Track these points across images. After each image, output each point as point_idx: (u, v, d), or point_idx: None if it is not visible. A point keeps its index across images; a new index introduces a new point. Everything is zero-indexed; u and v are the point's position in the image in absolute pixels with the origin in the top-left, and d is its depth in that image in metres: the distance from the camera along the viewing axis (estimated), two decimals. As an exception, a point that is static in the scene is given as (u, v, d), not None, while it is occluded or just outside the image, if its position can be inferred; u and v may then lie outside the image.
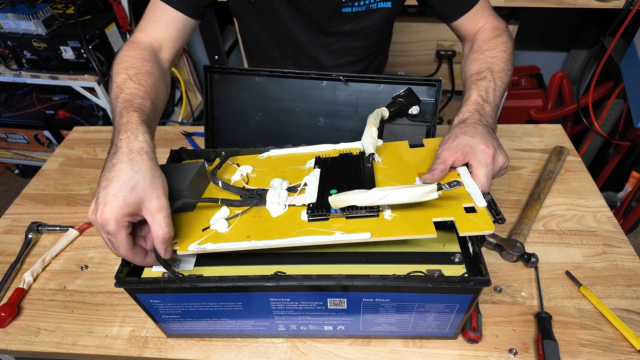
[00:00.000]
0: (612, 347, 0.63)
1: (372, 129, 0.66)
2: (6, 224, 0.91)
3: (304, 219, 0.56)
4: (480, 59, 0.74)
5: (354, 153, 0.68)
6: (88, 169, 1.04)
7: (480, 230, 0.50)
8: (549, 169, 0.91)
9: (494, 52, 0.75)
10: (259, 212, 0.59)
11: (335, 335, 0.66)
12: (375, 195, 0.51)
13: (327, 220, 0.55)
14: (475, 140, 0.58)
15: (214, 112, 0.85)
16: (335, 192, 0.57)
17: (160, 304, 0.59)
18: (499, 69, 0.72)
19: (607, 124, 1.59)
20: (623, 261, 0.75)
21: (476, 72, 0.72)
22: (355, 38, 0.89)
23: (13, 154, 2.04)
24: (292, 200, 0.59)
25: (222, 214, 0.59)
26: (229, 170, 0.70)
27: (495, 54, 0.74)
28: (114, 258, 0.82)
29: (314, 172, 0.64)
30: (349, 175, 0.62)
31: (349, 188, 0.55)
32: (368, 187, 0.55)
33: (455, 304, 0.56)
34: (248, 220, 0.58)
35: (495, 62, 0.73)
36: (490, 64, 0.72)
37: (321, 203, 0.56)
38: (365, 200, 0.51)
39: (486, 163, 0.57)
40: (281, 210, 0.58)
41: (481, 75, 0.70)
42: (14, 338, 0.70)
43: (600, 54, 1.49)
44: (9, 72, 1.69)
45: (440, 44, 1.81)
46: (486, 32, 0.80)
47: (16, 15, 1.54)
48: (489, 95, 0.67)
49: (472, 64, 0.74)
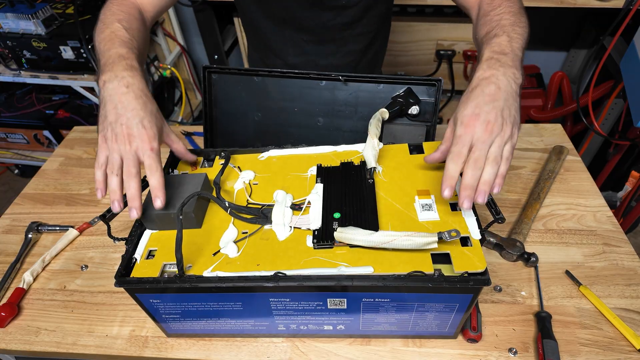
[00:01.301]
0: (612, 347, 0.64)
1: (374, 140, 0.66)
2: (6, 223, 0.91)
3: (310, 245, 0.57)
4: (486, 21, 0.68)
5: (355, 162, 0.69)
6: (88, 168, 1.04)
7: (474, 268, 0.52)
8: (548, 169, 0.91)
9: (498, 9, 0.68)
10: (265, 234, 0.60)
11: (335, 335, 0.66)
12: (378, 240, 0.53)
13: (332, 248, 0.57)
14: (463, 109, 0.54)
15: (213, 112, 0.85)
16: (339, 216, 0.59)
17: (160, 303, 0.59)
18: (509, 23, 0.64)
19: (607, 123, 1.59)
20: (623, 260, 0.75)
21: (485, 34, 0.65)
22: (352, 13, 0.88)
23: (13, 153, 2.04)
24: (297, 221, 0.60)
25: (230, 236, 0.60)
26: (231, 175, 0.70)
27: (500, 10, 0.67)
28: (114, 258, 0.82)
29: (316, 189, 0.64)
30: (351, 193, 0.63)
31: (352, 210, 0.60)
32: (370, 208, 0.59)
33: (455, 304, 0.56)
34: (256, 244, 0.59)
35: (503, 17, 0.66)
36: (497, 21, 0.65)
37: (325, 232, 0.58)
38: (369, 243, 0.54)
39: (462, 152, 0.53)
40: (287, 233, 0.59)
41: (491, 34, 0.64)
42: (14, 338, 0.71)
43: (600, 54, 1.48)
44: (9, 71, 1.69)
45: (440, 44, 1.81)
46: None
47: (16, 15, 1.54)
48: (503, 48, 0.59)
49: (480, 29, 0.68)
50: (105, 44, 0.65)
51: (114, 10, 0.71)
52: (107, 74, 0.60)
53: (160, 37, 2.11)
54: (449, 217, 0.59)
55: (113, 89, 0.59)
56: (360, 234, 0.54)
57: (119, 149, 0.57)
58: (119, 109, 0.58)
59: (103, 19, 0.70)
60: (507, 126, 0.54)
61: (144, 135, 0.57)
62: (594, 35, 1.87)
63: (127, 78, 0.60)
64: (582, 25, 1.95)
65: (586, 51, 1.98)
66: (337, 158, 0.71)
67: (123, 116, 0.58)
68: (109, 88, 0.59)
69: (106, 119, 0.59)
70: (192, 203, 0.60)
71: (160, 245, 0.60)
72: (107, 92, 0.59)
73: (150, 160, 0.57)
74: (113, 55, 0.63)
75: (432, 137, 0.79)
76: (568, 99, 1.81)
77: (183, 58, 2.25)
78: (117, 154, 0.57)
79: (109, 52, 0.64)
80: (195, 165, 0.73)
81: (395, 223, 0.59)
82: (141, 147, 0.57)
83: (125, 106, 0.58)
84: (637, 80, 1.28)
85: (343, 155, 0.72)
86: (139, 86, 0.61)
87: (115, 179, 0.57)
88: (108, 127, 0.58)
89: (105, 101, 0.59)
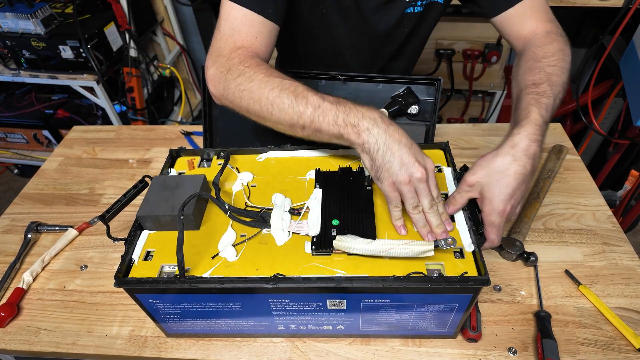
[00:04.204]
0: (611, 346, 0.64)
1: None
2: (5, 223, 0.91)
3: (308, 251, 0.58)
4: (537, 68, 0.66)
5: (354, 168, 0.69)
6: (87, 168, 1.04)
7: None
8: (548, 168, 0.91)
9: (551, 59, 0.67)
10: (264, 239, 0.60)
11: (334, 335, 0.66)
12: (376, 249, 0.54)
13: (330, 255, 0.57)
14: (499, 189, 0.57)
15: (213, 112, 0.85)
16: (337, 223, 0.60)
17: (160, 303, 0.59)
18: (558, 82, 0.64)
19: (607, 122, 1.59)
20: (622, 260, 0.75)
21: (533, 84, 0.64)
22: (410, 38, 0.87)
23: (12, 153, 2.04)
24: (296, 226, 0.60)
25: (229, 239, 0.60)
26: (230, 177, 0.70)
27: (553, 62, 0.67)
28: (114, 258, 0.82)
29: (315, 195, 0.64)
30: (350, 200, 0.64)
31: (350, 217, 0.60)
32: (368, 216, 0.60)
33: (455, 304, 0.56)
34: (254, 248, 0.59)
35: (555, 72, 0.65)
36: (548, 75, 0.65)
37: (324, 239, 0.58)
38: (367, 252, 0.55)
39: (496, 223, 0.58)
40: (285, 238, 0.59)
41: (540, 88, 0.63)
42: (14, 338, 0.70)
43: (600, 53, 1.48)
44: (8, 71, 1.69)
45: (440, 43, 1.80)
46: (539, 36, 0.72)
47: (15, 14, 1.54)
48: (548, 116, 0.61)
49: (528, 73, 0.67)
50: (300, 104, 0.59)
51: (252, 71, 0.63)
52: (363, 123, 0.56)
53: (160, 36, 2.11)
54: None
55: (383, 133, 0.56)
56: (359, 243, 0.55)
57: (416, 188, 0.57)
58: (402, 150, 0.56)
59: (258, 84, 0.62)
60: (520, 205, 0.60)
61: (431, 165, 0.58)
62: (594, 34, 1.87)
63: (377, 114, 0.57)
64: (581, 24, 1.95)
65: (585, 50, 1.98)
66: (335, 162, 0.71)
67: (412, 155, 0.56)
68: (375, 134, 0.55)
69: (392, 165, 0.56)
70: (192, 204, 0.60)
71: (159, 247, 0.60)
72: (381, 139, 0.56)
73: (438, 190, 0.59)
74: (333, 105, 0.58)
75: (431, 137, 0.79)
76: (567, 98, 1.80)
77: (182, 57, 2.25)
78: (413, 195, 0.57)
79: (323, 104, 0.58)
80: (192, 164, 0.73)
81: (392, 232, 0.60)
82: (431, 180, 0.58)
83: (406, 143, 0.56)
84: (636, 79, 1.28)
85: (341, 158, 0.72)
86: (391, 121, 0.58)
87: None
88: (398, 172, 0.56)
89: (380, 148, 0.56)
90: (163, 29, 2.11)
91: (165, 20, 2.09)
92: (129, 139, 1.12)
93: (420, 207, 0.57)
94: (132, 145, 1.10)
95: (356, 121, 0.56)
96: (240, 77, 0.63)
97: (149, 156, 1.06)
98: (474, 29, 1.76)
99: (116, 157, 1.07)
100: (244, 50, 0.66)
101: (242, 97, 0.63)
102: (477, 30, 1.76)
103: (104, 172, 1.02)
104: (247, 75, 0.63)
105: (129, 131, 1.15)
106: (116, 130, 1.16)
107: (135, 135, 1.13)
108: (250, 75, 0.62)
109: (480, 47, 1.79)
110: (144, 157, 1.06)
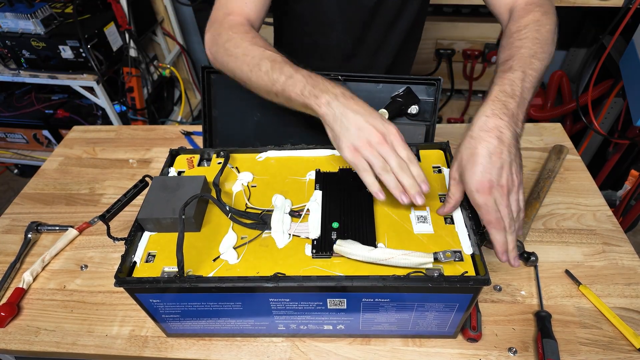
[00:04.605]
0: (612, 346, 0.64)
1: None
2: (5, 223, 0.91)
3: (308, 254, 0.58)
4: (507, 45, 0.65)
5: (354, 169, 0.69)
6: (87, 168, 1.04)
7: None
8: (548, 168, 0.91)
9: (522, 32, 0.64)
10: (265, 241, 0.60)
11: (335, 335, 0.66)
12: (376, 257, 0.54)
13: (330, 258, 0.57)
14: (472, 174, 0.55)
15: (213, 112, 0.85)
16: (337, 226, 0.60)
17: (160, 303, 0.59)
18: (528, 54, 0.61)
19: (607, 122, 1.59)
20: (622, 260, 0.75)
21: (501, 63, 0.63)
22: (401, 13, 0.88)
23: (12, 153, 2.04)
24: (296, 229, 0.61)
25: (230, 241, 0.60)
26: (230, 176, 0.70)
27: (524, 34, 0.64)
28: (114, 258, 0.82)
29: (315, 197, 0.64)
30: (350, 203, 0.64)
31: (350, 221, 0.61)
32: (368, 220, 0.60)
33: (455, 303, 0.56)
34: (255, 250, 0.59)
35: (524, 45, 0.63)
36: (517, 49, 0.63)
37: (324, 242, 0.58)
38: (367, 259, 0.55)
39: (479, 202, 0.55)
40: (286, 241, 0.60)
41: (505, 65, 0.61)
42: (14, 338, 0.70)
43: (600, 53, 1.48)
44: (8, 71, 1.69)
45: (440, 43, 1.81)
46: (518, 9, 0.69)
47: (15, 14, 1.54)
48: (514, 89, 0.58)
49: (500, 53, 0.66)
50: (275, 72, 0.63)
51: (238, 38, 0.69)
52: (325, 96, 0.60)
53: (160, 36, 2.11)
54: (443, 230, 0.60)
55: (341, 105, 0.59)
56: (359, 250, 0.55)
57: (378, 151, 0.57)
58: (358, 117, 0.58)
59: (242, 50, 0.67)
60: (516, 178, 0.56)
61: (393, 129, 0.58)
62: (594, 34, 1.87)
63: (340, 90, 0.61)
64: (581, 24, 1.95)
65: (585, 50, 1.98)
66: (335, 162, 0.71)
67: (367, 121, 0.58)
68: (334, 106, 0.59)
69: (348, 131, 0.58)
70: (193, 206, 0.60)
71: (160, 249, 0.60)
72: (338, 110, 0.59)
73: (408, 152, 0.58)
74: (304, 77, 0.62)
75: (431, 137, 0.79)
76: (567, 98, 1.81)
77: (182, 57, 2.25)
78: (377, 156, 0.57)
79: (295, 75, 0.62)
80: (192, 162, 0.73)
81: (391, 234, 0.59)
82: (395, 142, 0.58)
83: (363, 112, 0.58)
84: (636, 79, 1.28)
85: (342, 159, 0.71)
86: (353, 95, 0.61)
87: (393, 177, 0.57)
88: (355, 137, 0.58)
89: (337, 117, 0.59)
90: (163, 29, 2.11)
91: (165, 20, 2.09)
92: (129, 139, 1.12)
93: (388, 167, 0.57)
94: (132, 145, 1.10)
95: (320, 93, 0.60)
96: (228, 42, 0.69)
97: (149, 156, 1.06)
98: (474, 29, 1.76)
99: (116, 157, 1.07)
100: (235, 17, 0.73)
101: (229, 62, 0.69)
102: (477, 30, 1.76)
103: (104, 172, 1.02)
104: (234, 42, 0.68)
105: (129, 131, 1.15)
106: (116, 130, 1.16)
107: (135, 135, 1.14)
108: (236, 41, 0.68)
109: (480, 47, 1.79)
110: (144, 157, 1.06)
